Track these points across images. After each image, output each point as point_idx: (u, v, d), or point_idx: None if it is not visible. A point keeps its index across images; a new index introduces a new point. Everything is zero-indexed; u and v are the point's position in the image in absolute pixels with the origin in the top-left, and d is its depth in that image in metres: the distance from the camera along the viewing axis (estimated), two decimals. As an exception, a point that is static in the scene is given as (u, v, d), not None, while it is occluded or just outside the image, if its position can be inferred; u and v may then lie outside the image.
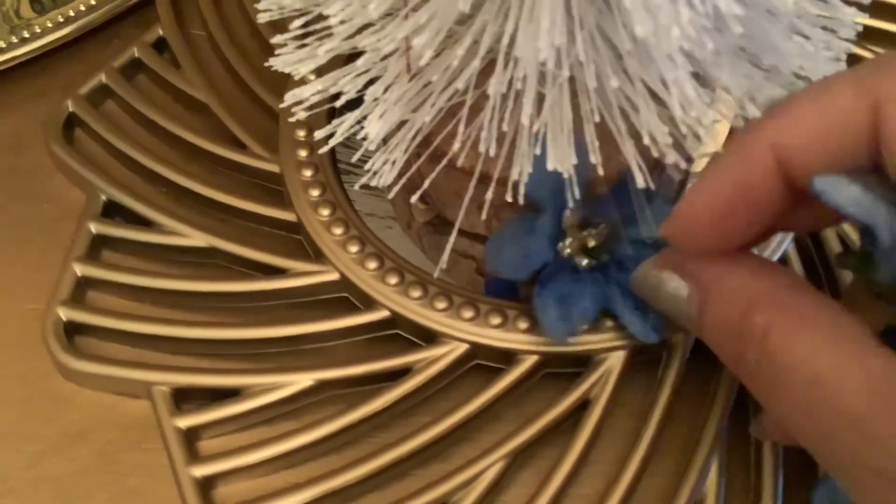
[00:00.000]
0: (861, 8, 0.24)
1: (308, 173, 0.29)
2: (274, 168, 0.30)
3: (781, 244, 0.28)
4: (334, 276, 0.28)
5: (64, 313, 0.28)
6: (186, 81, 0.33)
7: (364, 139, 0.24)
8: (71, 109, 0.32)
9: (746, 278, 0.21)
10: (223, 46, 0.34)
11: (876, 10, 0.30)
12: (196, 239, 0.29)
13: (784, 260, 0.28)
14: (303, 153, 0.30)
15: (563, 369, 0.27)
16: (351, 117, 0.24)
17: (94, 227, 0.30)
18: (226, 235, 0.29)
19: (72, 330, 0.28)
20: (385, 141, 0.25)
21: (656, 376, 0.27)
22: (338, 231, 0.28)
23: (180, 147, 0.32)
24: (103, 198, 0.30)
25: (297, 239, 0.30)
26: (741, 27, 0.20)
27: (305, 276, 0.28)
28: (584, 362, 0.26)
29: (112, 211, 0.30)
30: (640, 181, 0.23)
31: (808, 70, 0.23)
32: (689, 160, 0.22)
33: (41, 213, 0.31)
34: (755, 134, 0.20)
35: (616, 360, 0.26)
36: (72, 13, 0.35)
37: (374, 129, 0.24)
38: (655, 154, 0.22)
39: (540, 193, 0.24)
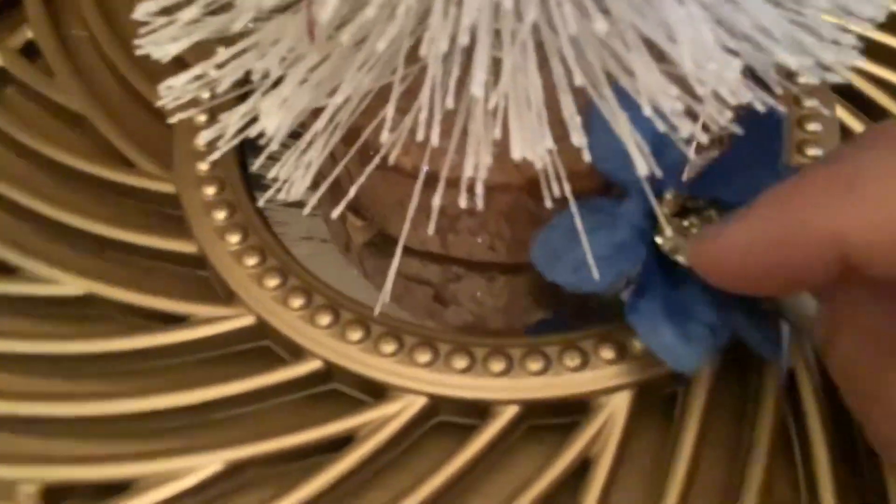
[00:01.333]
0: None
1: (210, 191, 0.24)
2: (168, 188, 0.25)
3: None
4: (249, 321, 0.22)
5: None
6: (61, 91, 0.28)
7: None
8: (-81, 134, 0.27)
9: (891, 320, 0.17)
10: (107, 47, 0.29)
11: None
12: (70, 286, 0.23)
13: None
14: (202, 167, 0.24)
15: (554, 420, 0.21)
16: (241, 109, 0.18)
17: (-60, 280, 0.24)
18: (109, 278, 0.23)
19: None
20: (296, 137, 0.19)
21: (673, 420, 0.21)
22: (251, 262, 0.22)
23: (54, 171, 0.26)
24: (-46, 241, 0.24)
25: (202, 276, 0.24)
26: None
27: (213, 322, 0.22)
28: (579, 409, 0.21)
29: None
30: (643, 168, 0.17)
31: (853, 6, 0.17)
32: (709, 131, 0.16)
33: None
34: (818, 221, 0.16)
35: (620, 403, 0.21)
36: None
37: (273, 121, 0.17)
38: (662, 128, 0.16)
39: (621, 173, 0.18)
